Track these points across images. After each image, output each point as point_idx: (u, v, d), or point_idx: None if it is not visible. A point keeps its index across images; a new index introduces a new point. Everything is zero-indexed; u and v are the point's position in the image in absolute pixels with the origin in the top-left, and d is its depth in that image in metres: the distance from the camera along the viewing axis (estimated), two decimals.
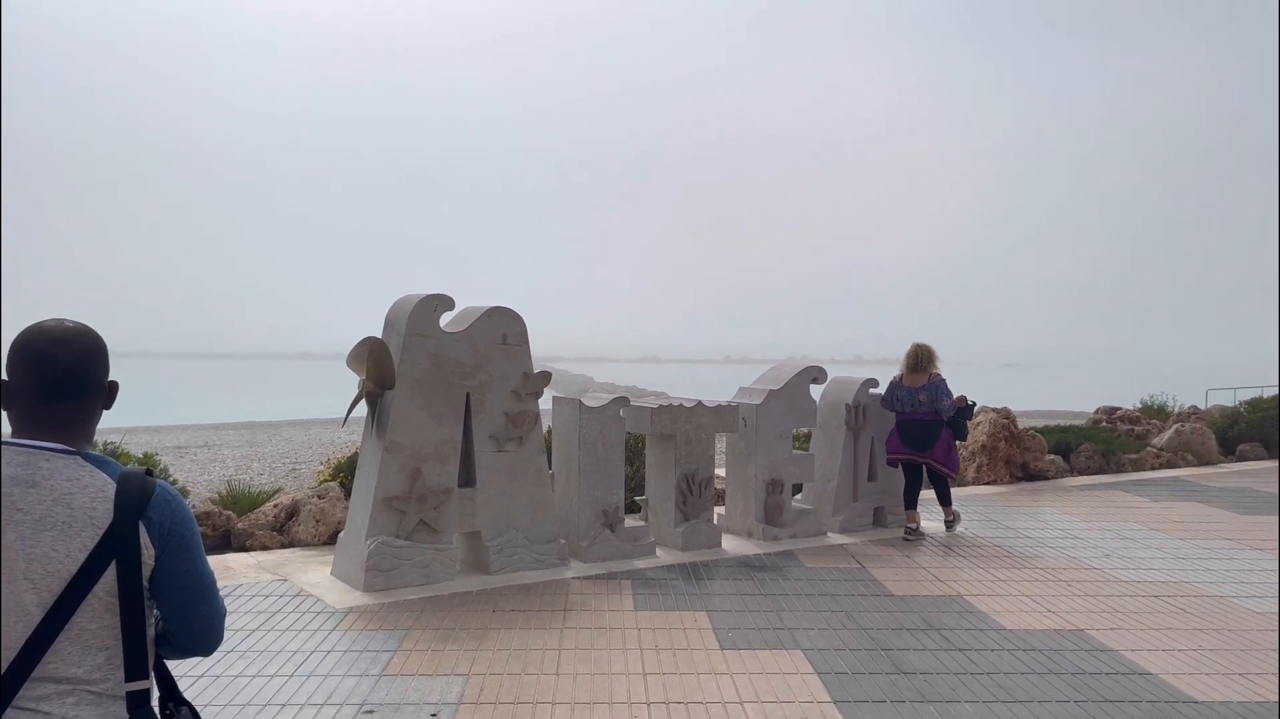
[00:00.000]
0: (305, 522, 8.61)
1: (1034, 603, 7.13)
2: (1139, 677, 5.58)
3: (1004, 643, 6.17)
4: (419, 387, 7.30)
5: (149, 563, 2.01)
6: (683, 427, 8.61)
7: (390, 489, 7.14)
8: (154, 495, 2.03)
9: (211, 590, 2.14)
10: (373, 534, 7.07)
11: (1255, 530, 10.05)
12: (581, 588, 7.28)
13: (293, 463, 22.19)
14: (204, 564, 2.12)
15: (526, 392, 7.80)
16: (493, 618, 6.48)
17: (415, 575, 7.18)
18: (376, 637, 6.05)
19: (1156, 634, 6.41)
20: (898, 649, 6.00)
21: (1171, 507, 11.47)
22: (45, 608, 1.92)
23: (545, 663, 5.61)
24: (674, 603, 6.93)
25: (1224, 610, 7.01)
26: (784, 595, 7.19)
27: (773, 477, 9.16)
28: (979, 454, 13.24)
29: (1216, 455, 16.02)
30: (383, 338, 7.40)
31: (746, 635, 6.20)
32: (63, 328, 2.06)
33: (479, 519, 7.57)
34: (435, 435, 7.36)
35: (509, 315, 7.78)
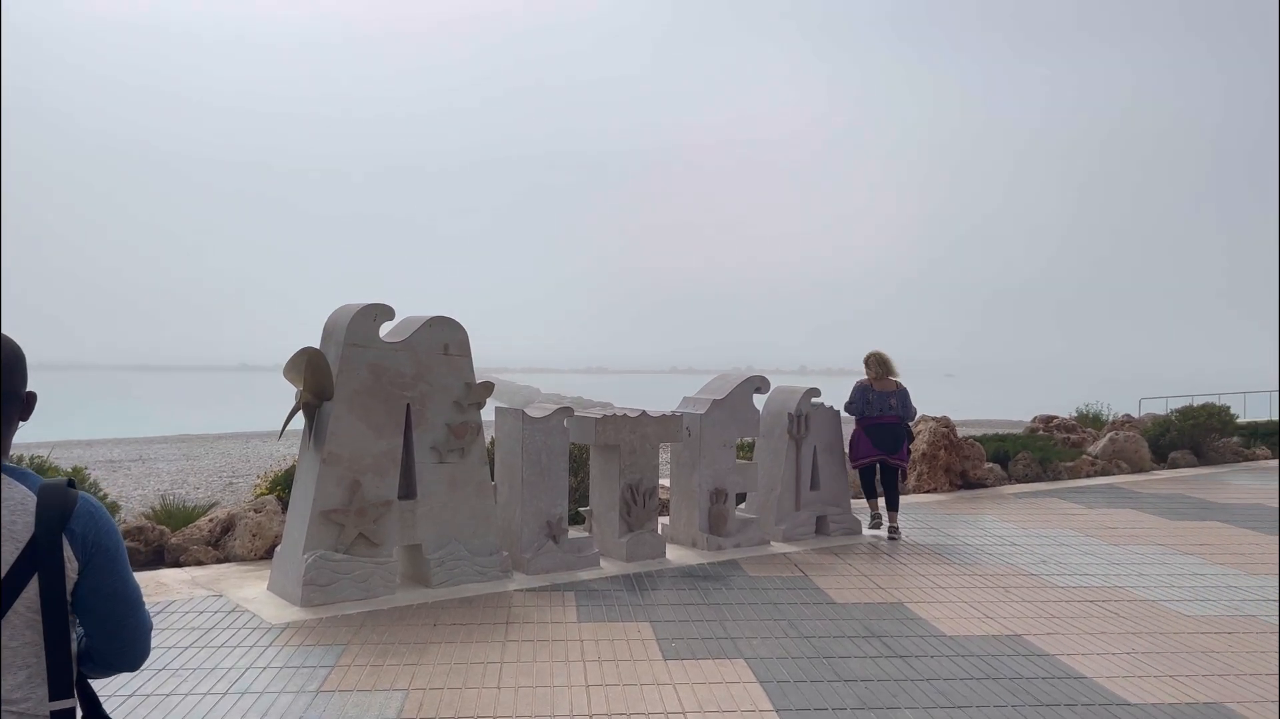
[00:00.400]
0: (241, 536, 8.43)
1: (973, 609, 7.21)
2: (1075, 680, 5.67)
3: (943, 649, 6.23)
4: (358, 397, 7.20)
5: (72, 576, 1.94)
6: (627, 437, 8.59)
7: (328, 502, 7.02)
8: (76, 507, 1.96)
9: (137, 603, 2.07)
10: (310, 548, 6.94)
11: (1187, 536, 10.29)
12: (524, 600, 7.21)
13: (229, 477, 21.77)
14: (129, 576, 2.05)
15: (469, 402, 7.73)
16: (433, 632, 6.38)
17: (354, 589, 7.06)
18: (314, 652, 5.92)
19: (1092, 638, 6.52)
20: (839, 657, 6.03)
21: (1106, 513, 11.71)
22: None
23: (486, 676, 5.54)
24: (617, 614, 6.89)
25: (1157, 615, 7.16)
26: (727, 605, 7.20)
27: (716, 486, 9.17)
28: (920, 462, 13.40)
29: (1149, 463, 16.40)
30: (321, 348, 7.29)
31: (690, 645, 6.19)
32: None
33: (420, 532, 7.47)
34: (375, 447, 7.25)
35: (450, 325, 7.70)
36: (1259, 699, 5.42)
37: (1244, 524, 11.07)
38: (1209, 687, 5.62)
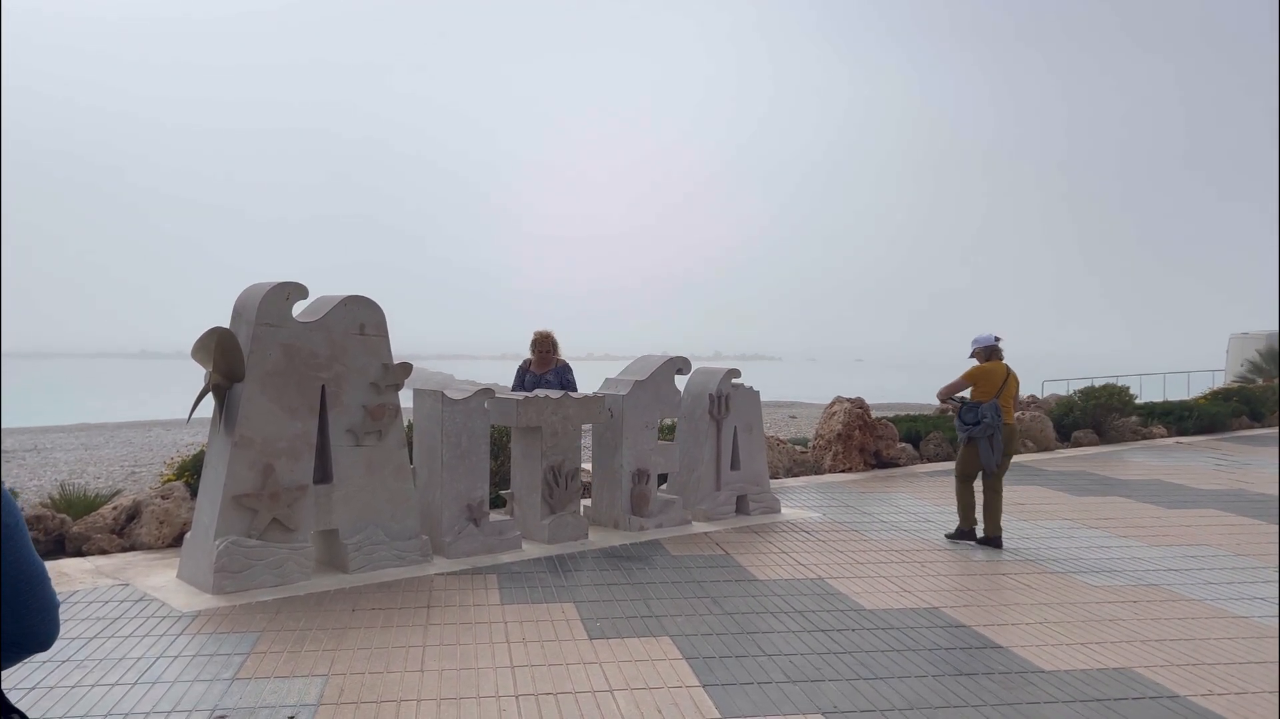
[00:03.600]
0: (148, 523, 8.12)
1: (891, 584, 7.33)
2: (992, 650, 5.80)
3: (864, 622, 6.32)
4: (270, 379, 6.97)
5: None
6: (549, 418, 8.51)
7: (240, 487, 6.80)
8: None
9: (42, 579, 1.94)
10: (222, 534, 6.71)
11: (1091, 510, 10.64)
12: (445, 584, 7.10)
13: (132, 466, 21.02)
14: (32, 552, 1.92)
15: (386, 384, 7.55)
16: (352, 617, 6.24)
17: (268, 576, 6.85)
18: (228, 640, 5.73)
19: (1005, 609, 6.69)
20: (763, 632, 6.07)
21: (1014, 490, 12.03)
22: None
23: (409, 660, 5.43)
24: (541, 595, 6.83)
25: (1066, 586, 7.38)
26: (651, 584, 7.19)
27: (639, 467, 9.16)
28: (835, 443, 13.60)
29: (1054, 442, 16.94)
30: (230, 328, 7.04)
31: (615, 624, 6.17)
32: None
33: (336, 516, 7.29)
34: (288, 430, 7.04)
35: (366, 304, 7.52)
36: (1164, 664, 5.62)
37: (1144, 499, 11.49)
38: (1117, 653, 5.80)
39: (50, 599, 1.97)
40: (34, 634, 1.95)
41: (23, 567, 1.89)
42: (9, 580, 1.87)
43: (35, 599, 1.93)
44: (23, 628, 1.93)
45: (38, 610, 1.94)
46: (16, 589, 1.89)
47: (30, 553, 1.92)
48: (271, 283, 7.07)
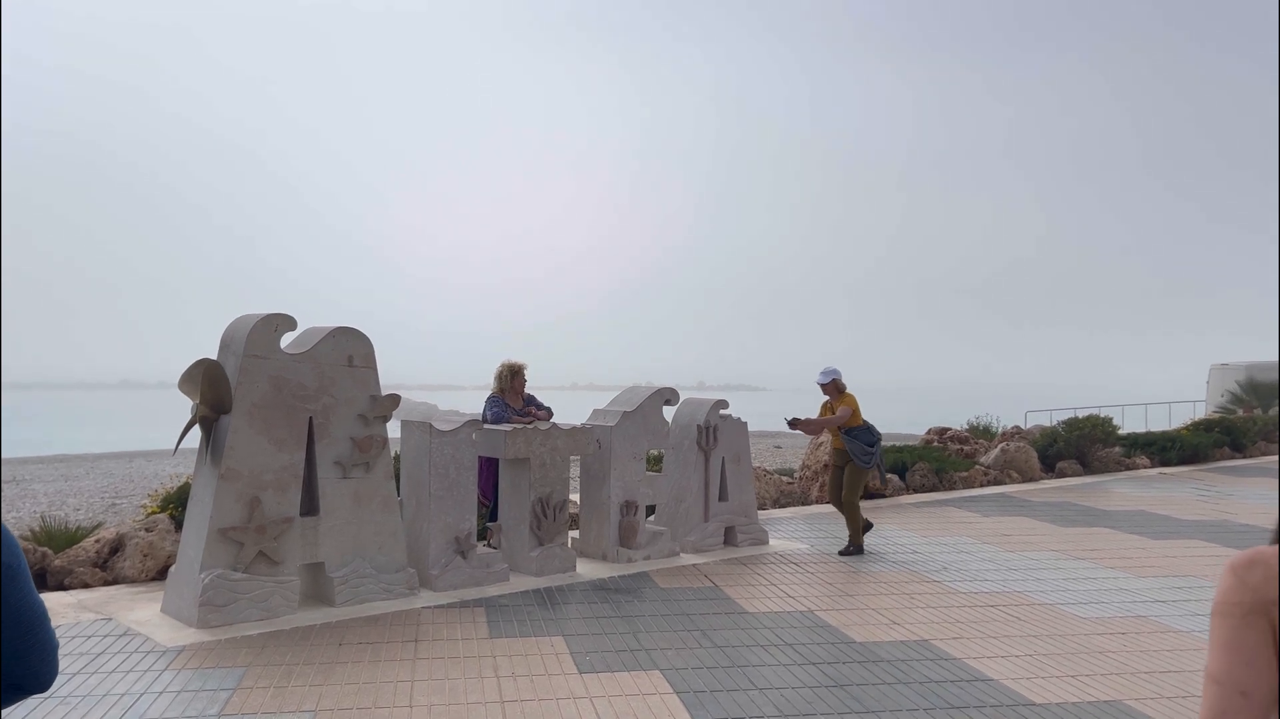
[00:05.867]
0: (132, 556, 8.04)
1: (880, 616, 7.32)
2: (981, 683, 5.79)
3: (854, 655, 6.30)
4: (258, 410, 6.94)
5: None
6: (537, 449, 8.49)
7: (226, 519, 6.75)
8: None
9: (44, 621, 1.92)
10: (207, 567, 6.65)
11: (1077, 542, 10.66)
12: (433, 617, 7.04)
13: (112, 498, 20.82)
14: (34, 594, 1.90)
15: (374, 415, 7.54)
16: (339, 651, 6.18)
17: (253, 610, 6.79)
18: (213, 675, 5.66)
19: (995, 642, 6.69)
20: (753, 665, 6.04)
21: (1000, 521, 12.06)
22: None
23: (397, 695, 5.38)
24: (530, 629, 6.79)
25: (1054, 618, 7.38)
26: (640, 617, 7.15)
27: (627, 498, 9.14)
28: (822, 473, 13.60)
29: (1038, 472, 16.99)
30: (218, 359, 7.02)
31: (604, 658, 6.13)
32: None
33: (322, 549, 7.24)
34: (275, 462, 7.00)
35: (355, 336, 7.51)
36: (1154, 697, 5.63)
37: (1129, 530, 11.53)
38: (1107, 685, 5.80)
39: (51, 640, 1.95)
40: (35, 675, 1.93)
41: (24, 608, 1.88)
42: (11, 621, 1.86)
43: (36, 640, 1.91)
44: (24, 669, 1.91)
45: (38, 651, 1.92)
46: (18, 630, 1.87)
47: (32, 594, 1.90)
48: (260, 314, 7.05)
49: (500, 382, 9.47)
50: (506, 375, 9.47)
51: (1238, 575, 1.70)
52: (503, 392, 9.44)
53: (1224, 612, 1.70)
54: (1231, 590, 1.69)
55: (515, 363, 9.55)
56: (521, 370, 9.55)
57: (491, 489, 9.40)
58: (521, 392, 9.56)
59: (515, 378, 9.49)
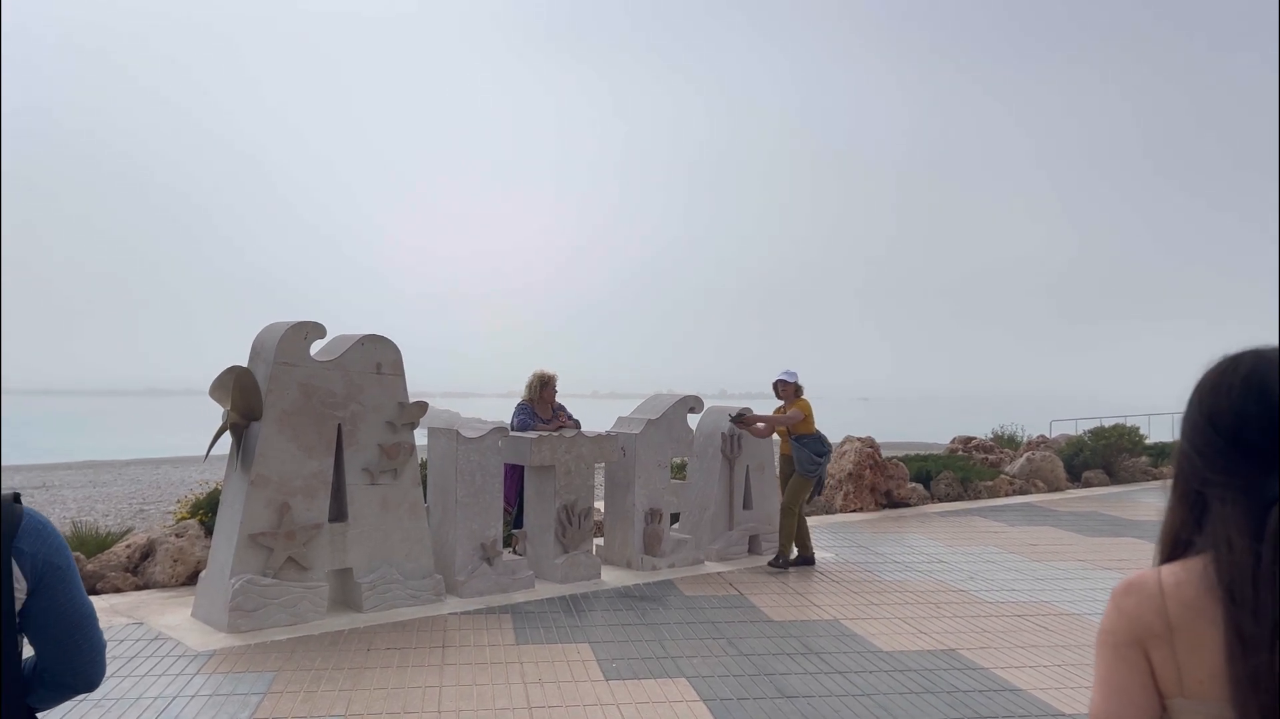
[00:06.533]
0: (162, 562, 8.12)
1: (906, 625, 7.30)
2: (1010, 693, 5.77)
3: (881, 664, 6.29)
4: (288, 418, 7.01)
5: (20, 597, 1.82)
6: (562, 457, 8.52)
7: (256, 525, 6.81)
8: (22, 524, 1.84)
9: (92, 621, 1.97)
10: (237, 573, 6.72)
11: (1104, 552, 10.59)
12: (460, 624, 7.08)
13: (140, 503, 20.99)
14: (83, 594, 1.95)
15: (401, 422, 7.59)
16: (367, 657, 6.22)
17: (282, 615, 6.85)
18: (244, 679, 5.72)
19: (1022, 652, 6.65)
20: (779, 674, 6.04)
21: (1027, 531, 11.99)
22: None
23: (426, 700, 5.41)
24: (555, 635, 6.81)
25: (1081, 627, 7.34)
26: (665, 624, 7.17)
27: (651, 506, 9.15)
28: (846, 482, 13.58)
29: (1064, 482, 16.87)
30: (249, 367, 7.09)
31: (631, 665, 6.14)
32: None
33: (351, 555, 7.29)
34: (304, 468, 7.07)
35: (383, 343, 7.57)
36: None
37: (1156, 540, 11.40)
38: None
39: (99, 641, 1.99)
40: (83, 675, 1.97)
41: (74, 608, 1.92)
42: (61, 621, 1.90)
43: (85, 640, 1.95)
44: (72, 669, 1.95)
45: (87, 651, 1.96)
46: (68, 630, 1.91)
47: (81, 594, 1.94)
48: (290, 322, 7.13)
49: (530, 391, 9.53)
50: (536, 385, 9.52)
51: (1115, 602, 1.54)
52: (532, 400, 9.50)
53: (1100, 642, 1.55)
54: (1108, 619, 1.54)
55: (546, 373, 9.61)
56: (552, 380, 9.60)
57: (515, 496, 9.44)
58: (551, 401, 9.60)
59: (545, 388, 9.53)
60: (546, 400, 9.56)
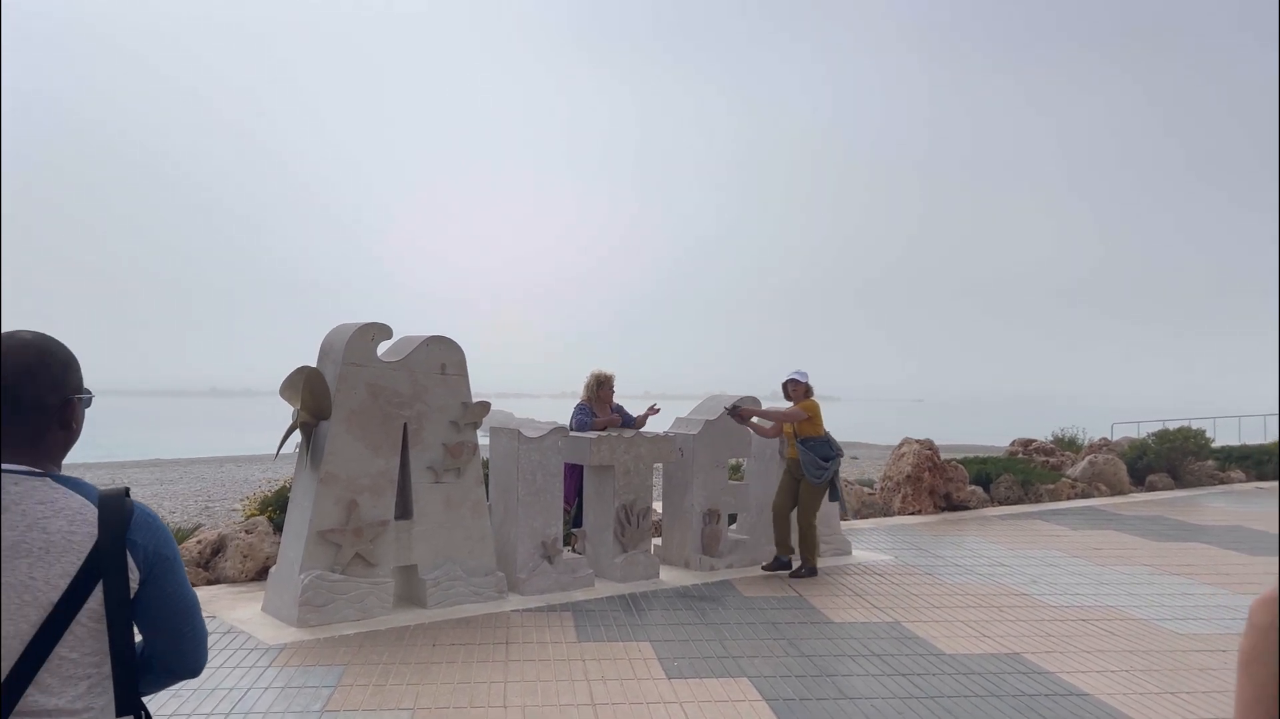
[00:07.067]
0: (232, 557, 8.33)
1: (968, 628, 7.25)
2: (1077, 698, 5.71)
3: (944, 667, 6.25)
4: (355, 417, 7.16)
5: (133, 586, 1.91)
6: (621, 457, 8.59)
7: (325, 522, 6.97)
8: (134, 517, 1.93)
9: (197, 610, 2.05)
10: (307, 568, 6.88)
11: (1171, 557, 10.39)
12: (522, 620, 7.17)
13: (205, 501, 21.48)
14: (188, 585, 2.03)
15: (465, 422, 7.71)
16: (433, 652, 6.33)
17: (350, 610, 7.00)
18: (314, 672, 5.86)
19: (1089, 656, 6.57)
20: (841, 675, 6.04)
21: (1089, 535, 11.81)
22: (24, 640, 1.80)
23: (491, 695, 5.50)
24: (616, 634, 6.87)
25: (1151, 633, 7.22)
26: (725, 624, 7.19)
27: (709, 507, 9.18)
28: (904, 484, 13.47)
29: (1128, 486, 16.57)
30: (318, 367, 7.25)
31: (692, 664, 6.18)
32: (7, 341, 1.91)
33: (416, 552, 7.42)
34: (371, 467, 7.21)
35: (448, 345, 7.69)
36: None
37: (1226, 545, 11.19)
38: (1209, 703, 5.67)
39: (203, 629, 2.08)
40: (188, 662, 2.06)
41: (180, 597, 2.01)
42: (168, 610, 1.99)
43: (191, 628, 2.04)
44: (178, 655, 2.04)
45: (192, 639, 2.05)
46: (176, 619, 2.00)
47: (186, 584, 2.03)
48: (357, 323, 7.28)
49: (588, 391, 9.63)
50: (594, 385, 9.63)
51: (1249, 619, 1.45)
52: (590, 400, 9.60)
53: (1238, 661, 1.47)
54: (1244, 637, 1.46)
55: (603, 373, 9.72)
56: (609, 380, 9.70)
57: (573, 494, 9.53)
58: (609, 401, 9.70)
59: (602, 387, 9.63)
60: (604, 400, 9.65)
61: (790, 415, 9.05)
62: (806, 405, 9.05)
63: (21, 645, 1.80)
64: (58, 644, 1.83)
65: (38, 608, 1.81)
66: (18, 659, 1.80)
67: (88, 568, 1.85)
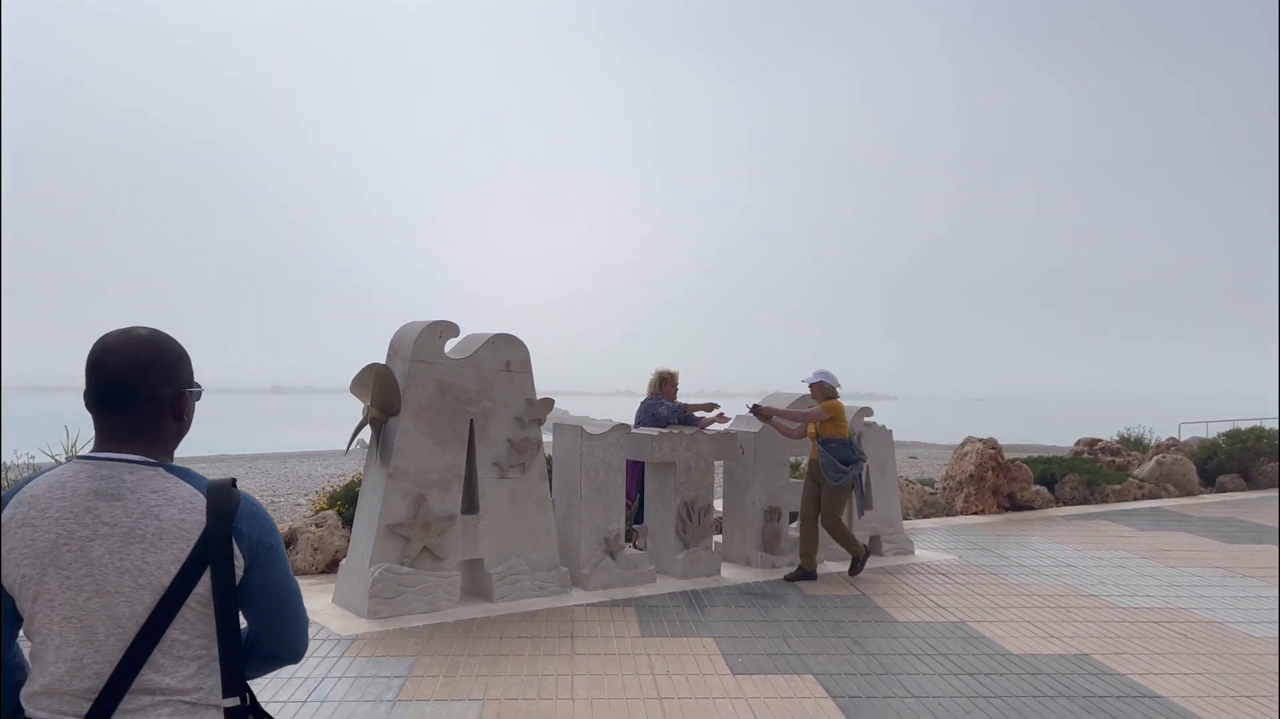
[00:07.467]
0: (303, 550, 8.53)
1: (1036, 628, 7.17)
2: (1149, 699, 5.62)
3: (1011, 667, 6.20)
4: (424, 413, 7.29)
5: (238, 573, 1.99)
6: (683, 454, 8.62)
7: (395, 516, 7.10)
8: (240, 507, 2.01)
9: (299, 598, 2.13)
10: (377, 561, 7.02)
11: (1244, 559, 10.16)
12: (586, 615, 7.25)
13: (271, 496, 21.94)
14: (290, 573, 2.11)
15: (529, 418, 7.80)
16: (500, 644, 6.43)
17: (418, 603, 7.13)
18: (385, 663, 5.99)
19: (1160, 658, 6.47)
20: (907, 674, 6.01)
21: (1158, 536, 11.59)
22: (139, 621, 1.90)
23: (559, 688, 5.58)
24: (680, 629, 6.91)
25: (1223, 636, 7.08)
26: (788, 622, 7.20)
27: (771, 504, 9.18)
28: (967, 484, 13.33)
29: (1197, 486, 16.22)
30: (387, 364, 7.39)
31: (757, 661, 6.20)
32: (123, 336, 2.01)
33: (482, 546, 7.54)
34: (439, 462, 7.34)
35: (512, 342, 7.80)
36: None
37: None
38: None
39: (304, 616, 2.16)
40: (290, 648, 2.15)
41: (284, 585, 2.09)
42: (273, 597, 2.07)
43: (293, 615, 2.12)
44: (281, 642, 2.12)
45: (294, 626, 2.13)
46: (279, 606, 2.08)
47: (289, 573, 2.11)
48: (425, 321, 7.40)
49: (652, 388, 9.71)
50: (657, 382, 9.71)
51: None
52: (655, 397, 9.68)
53: None
54: None
55: (667, 370, 9.80)
56: (672, 377, 9.77)
57: (634, 490, 9.60)
58: (673, 397, 9.75)
59: (665, 384, 9.70)
60: (668, 396, 9.71)
61: (811, 415, 8.83)
62: (828, 406, 8.79)
63: (137, 626, 1.89)
64: (170, 626, 1.92)
65: (151, 591, 1.90)
66: (134, 639, 1.89)
67: (197, 554, 1.93)
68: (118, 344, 2.00)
